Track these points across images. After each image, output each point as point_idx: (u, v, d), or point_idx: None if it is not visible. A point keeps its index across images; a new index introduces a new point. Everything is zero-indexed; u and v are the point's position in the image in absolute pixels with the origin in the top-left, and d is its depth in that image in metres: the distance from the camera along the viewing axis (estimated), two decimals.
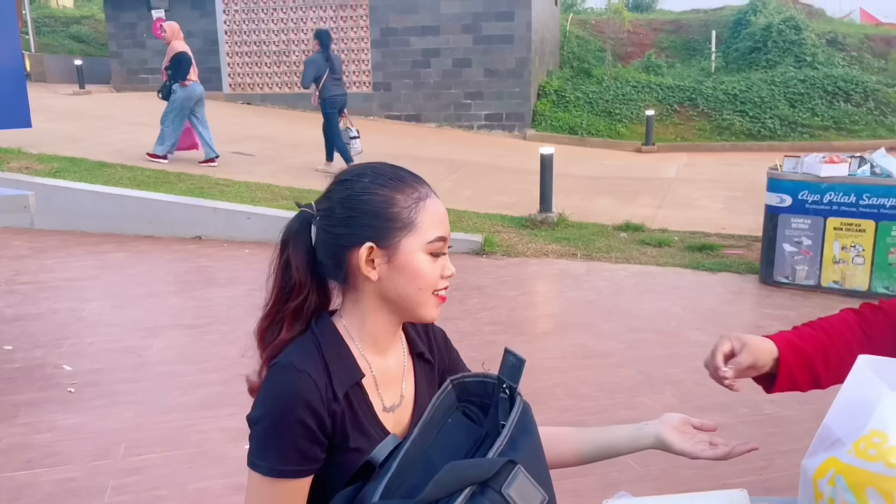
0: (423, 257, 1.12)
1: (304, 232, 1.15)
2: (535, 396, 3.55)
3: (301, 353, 1.09)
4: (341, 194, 1.13)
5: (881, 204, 4.88)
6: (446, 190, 8.86)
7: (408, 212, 1.11)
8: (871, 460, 0.96)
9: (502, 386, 0.89)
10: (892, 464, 0.93)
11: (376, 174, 1.14)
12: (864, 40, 17.76)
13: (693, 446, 1.25)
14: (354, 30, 14.89)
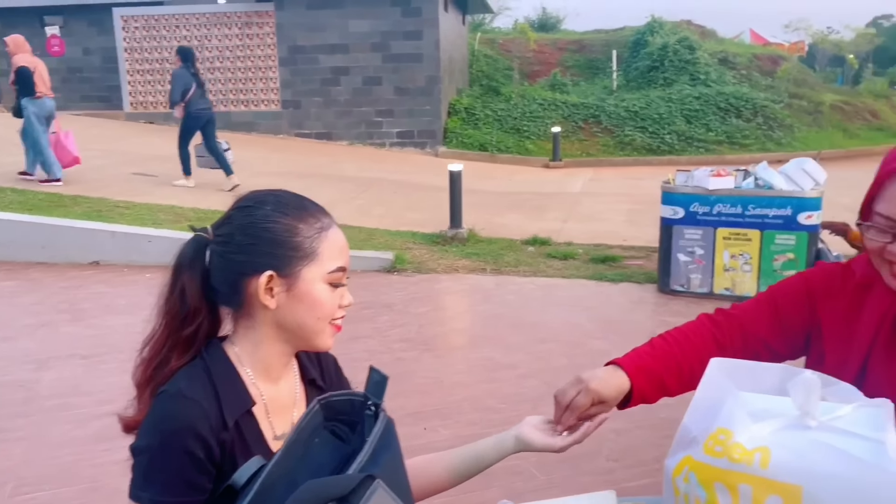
0: (322, 287, 1.12)
1: (199, 257, 1.13)
2: (443, 411, 3.59)
3: (190, 381, 1.07)
4: (242, 221, 1.12)
5: (765, 214, 5.20)
6: (357, 208, 8.84)
7: (310, 241, 1.11)
8: (718, 456, 1.03)
9: (367, 403, 0.91)
10: (735, 458, 1.01)
11: (279, 202, 1.14)
12: (752, 59, 18.93)
13: (551, 439, 1.30)
14: (261, 48, 14.70)
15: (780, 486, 0.97)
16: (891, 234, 1.23)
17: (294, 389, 1.19)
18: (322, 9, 14.30)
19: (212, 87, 14.87)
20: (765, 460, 0.99)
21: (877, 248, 1.26)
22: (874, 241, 1.26)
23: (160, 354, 1.13)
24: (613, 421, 3.40)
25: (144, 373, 1.15)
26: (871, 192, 1.28)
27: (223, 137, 9.80)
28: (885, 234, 1.24)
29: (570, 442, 1.30)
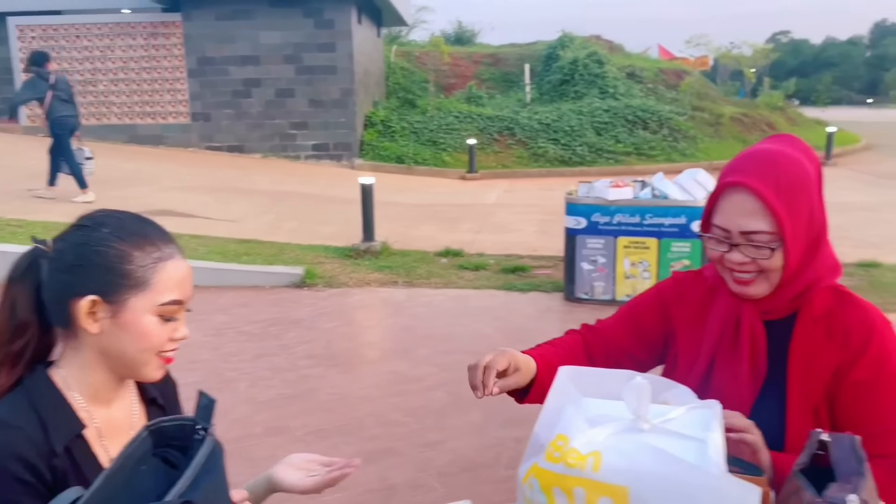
0: (151, 319, 1.09)
1: (33, 269, 1.09)
2: (346, 427, 3.57)
3: (12, 409, 1.04)
4: (76, 240, 1.09)
5: (661, 223, 5.42)
6: (268, 222, 8.70)
7: (143, 270, 1.08)
8: (556, 462, 1.06)
9: (196, 428, 0.90)
10: (570, 463, 1.04)
11: (119, 226, 1.10)
12: (658, 73, 19.72)
13: (298, 479, 1.23)
14: (168, 59, 14.30)
15: (610, 487, 1.01)
16: (727, 244, 1.30)
17: (131, 411, 1.17)
18: (232, 20, 14.04)
19: (116, 100, 14.37)
20: (597, 464, 1.03)
21: (717, 257, 1.34)
22: (714, 250, 1.34)
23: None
24: (513, 429, 3.46)
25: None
26: (709, 205, 1.36)
27: (128, 151, 9.45)
28: (723, 244, 1.31)
29: (320, 483, 1.23)
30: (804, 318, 1.33)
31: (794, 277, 1.31)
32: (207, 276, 6.28)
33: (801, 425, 1.29)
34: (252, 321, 5.29)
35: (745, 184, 1.27)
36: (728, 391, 1.37)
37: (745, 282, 1.32)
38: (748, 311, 1.35)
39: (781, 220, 1.26)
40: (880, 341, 1.30)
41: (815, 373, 1.30)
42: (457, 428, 3.58)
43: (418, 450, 3.32)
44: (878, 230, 8.28)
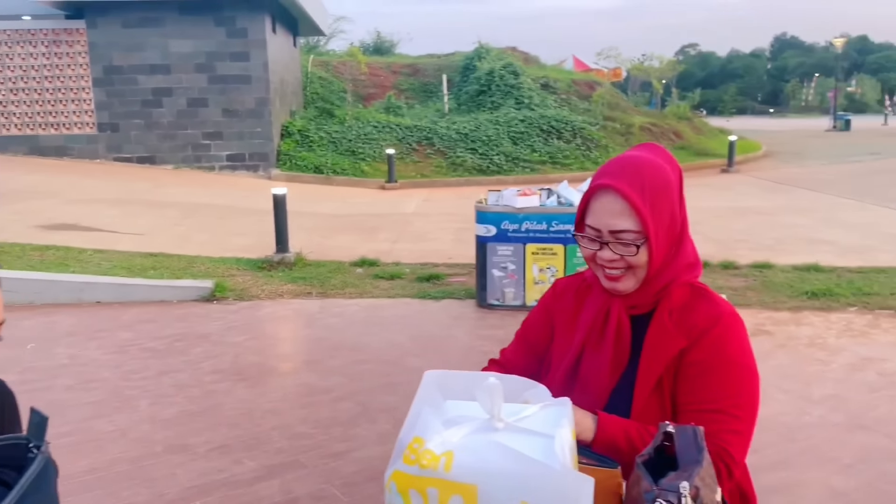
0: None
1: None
2: (251, 442, 3.51)
3: None
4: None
5: (567, 230, 5.57)
6: (179, 235, 8.47)
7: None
8: (412, 464, 1.10)
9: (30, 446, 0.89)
10: (424, 465, 1.08)
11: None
12: (571, 85, 20.28)
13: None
14: (72, 67, 13.75)
15: (460, 486, 1.05)
16: (599, 243, 1.41)
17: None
18: (140, 27, 13.63)
19: (16, 109, 13.70)
20: (448, 464, 1.07)
21: (590, 256, 1.45)
22: (587, 249, 1.45)
23: None
24: None
25: None
26: (582, 207, 1.46)
27: (30, 163, 9.03)
28: (595, 242, 1.42)
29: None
30: (661, 311, 1.44)
31: (658, 274, 1.42)
32: (110, 291, 6.07)
33: (645, 403, 1.39)
34: (157, 337, 5.13)
35: (613, 186, 1.38)
36: (592, 378, 1.47)
37: (615, 277, 1.42)
38: (616, 306, 1.46)
39: (646, 220, 1.37)
40: (723, 330, 1.41)
41: (661, 357, 1.40)
42: (364, 438, 3.58)
43: (324, 461, 3.30)
44: (774, 233, 8.76)
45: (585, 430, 1.33)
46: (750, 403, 1.39)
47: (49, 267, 6.49)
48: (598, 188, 1.42)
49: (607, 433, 1.33)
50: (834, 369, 4.40)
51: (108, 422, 3.72)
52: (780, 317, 5.45)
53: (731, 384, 1.38)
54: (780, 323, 5.31)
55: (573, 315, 1.57)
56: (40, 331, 5.25)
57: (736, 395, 1.37)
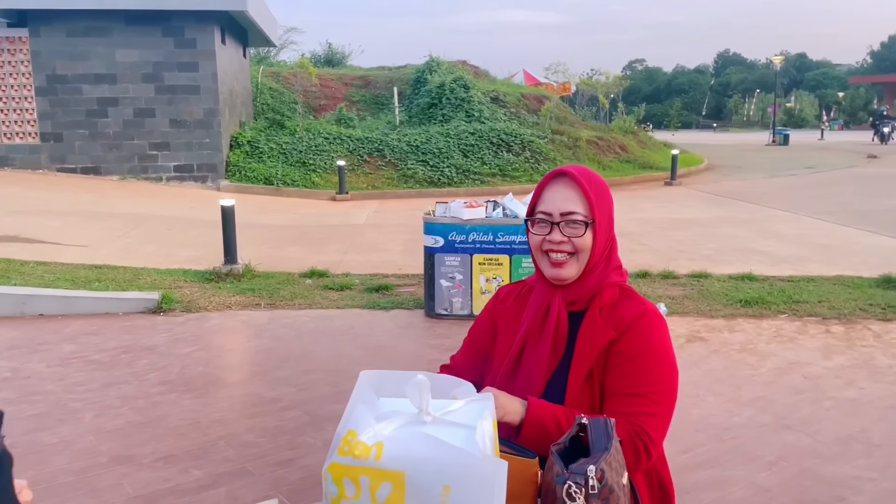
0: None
1: None
2: (196, 451, 3.53)
3: None
4: None
5: (512, 241, 5.73)
6: (124, 247, 8.37)
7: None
8: (345, 455, 1.19)
9: None
10: (357, 455, 1.18)
11: None
12: (520, 98, 20.63)
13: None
14: (14, 76, 13.43)
15: (389, 473, 1.15)
16: (549, 225, 1.59)
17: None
18: (84, 36, 13.40)
19: None
20: (378, 453, 1.17)
21: (538, 242, 1.61)
22: (537, 234, 1.61)
23: None
24: None
25: None
26: (534, 199, 1.64)
27: None
28: (545, 226, 1.60)
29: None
30: (593, 308, 1.60)
31: (595, 267, 1.59)
32: (53, 304, 5.98)
33: (578, 392, 1.54)
34: (102, 349, 5.09)
35: (567, 172, 1.61)
36: (532, 368, 1.61)
37: (560, 263, 1.58)
38: (557, 301, 1.61)
39: (592, 205, 1.58)
40: (646, 324, 1.58)
41: (592, 348, 1.55)
42: (311, 445, 3.63)
43: (270, 468, 3.35)
44: (712, 244, 9.10)
45: (513, 413, 1.45)
46: (668, 390, 1.54)
47: None
48: (553, 177, 1.61)
49: (535, 416, 1.45)
50: (763, 373, 4.63)
51: (52, 434, 3.69)
52: (714, 324, 5.69)
53: (652, 372, 1.53)
54: (715, 330, 5.55)
55: (515, 316, 1.71)
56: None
57: (655, 382, 1.53)
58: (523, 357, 1.63)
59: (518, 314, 1.70)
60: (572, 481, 1.18)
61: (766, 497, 3.09)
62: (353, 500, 1.17)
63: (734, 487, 3.17)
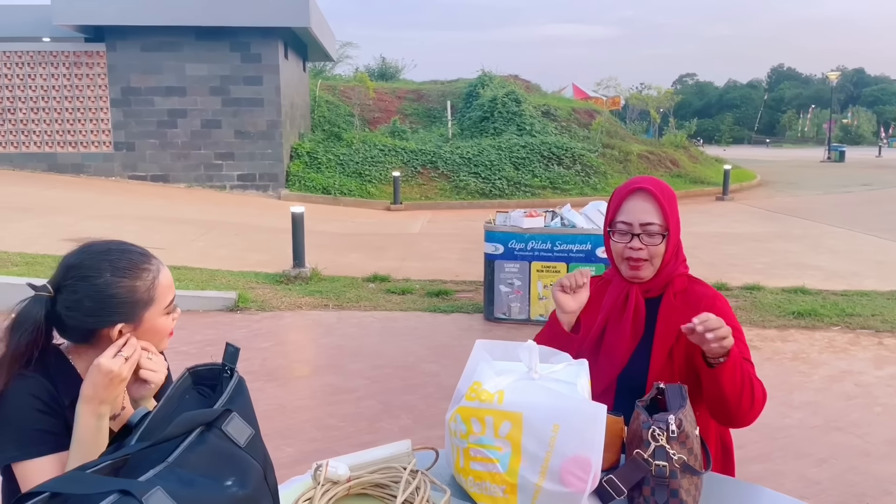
0: (162, 318, 1.46)
1: (41, 311, 1.39)
2: (286, 432, 3.90)
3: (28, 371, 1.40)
4: (87, 290, 1.38)
5: (570, 249, 6.00)
6: (198, 250, 8.88)
7: (147, 292, 1.42)
8: (472, 400, 1.50)
9: (225, 368, 1.29)
10: (483, 399, 1.48)
11: (115, 268, 1.39)
12: (571, 112, 20.84)
13: None
14: (91, 88, 14.24)
15: (510, 414, 1.46)
16: (630, 235, 1.83)
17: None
18: (157, 51, 14.15)
19: (36, 128, 14.17)
20: (501, 399, 1.48)
21: (620, 249, 1.86)
22: (618, 243, 1.86)
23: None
24: (439, 429, 3.82)
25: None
26: (613, 211, 1.88)
27: (48, 179, 9.46)
28: (626, 235, 1.84)
29: None
30: (668, 295, 1.87)
31: (667, 265, 1.85)
32: None
33: (659, 367, 1.82)
34: (188, 342, 5.52)
35: (645, 188, 1.81)
36: (615, 346, 1.89)
37: (638, 267, 1.84)
38: (634, 290, 1.88)
39: (668, 217, 1.80)
40: (722, 304, 1.86)
41: (674, 328, 1.81)
42: (387, 430, 3.96)
43: (353, 449, 3.66)
44: (765, 258, 9.19)
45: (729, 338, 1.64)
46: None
47: None
48: (632, 191, 1.83)
49: (736, 351, 1.68)
50: (814, 380, 4.80)
51: None
52: (767, 334, 5.86)
53: (745, 343, 1.82)
54: (767, 339, 5.71)
55: (594, 302, 1.98)
56: None
57: (747, 350, 1.81)
58: (605, 337, 1.90)
59: (597, 301, 1.97)
60: (655, 426, 1.47)
61: (816, 489, 3.30)
62: (479, 435, 1.48)
63: (785, 480, 3.39)
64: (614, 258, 1.90)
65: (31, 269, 6.82)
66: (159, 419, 1.20)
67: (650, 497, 1.48)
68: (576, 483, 1.40)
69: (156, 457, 1.06)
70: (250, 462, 1.16)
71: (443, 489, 1.48)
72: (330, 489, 1.55)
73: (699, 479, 1.53)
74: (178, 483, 1.02)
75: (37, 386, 1.37)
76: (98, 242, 1.47)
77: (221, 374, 1.29)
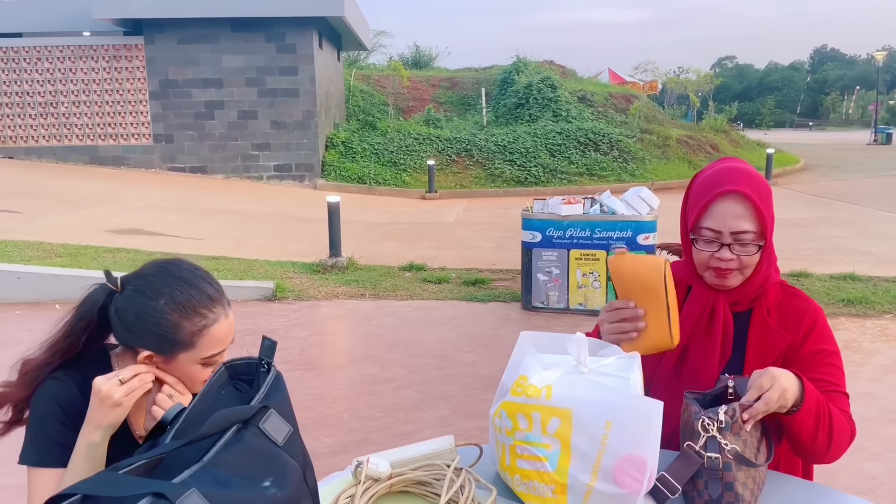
0: (196, 367, 1.39)
1: (100, 303, 1.37)
2: (325, 422, 3.88)
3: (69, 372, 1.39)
4: (137, 306, 1.34)
5: (609, 236, 5.88)
6: (236, 240, 8.94)
7: (190, 336, 1.35)
8: (519, 395, 1.43)
9: (262, 363, 1.24)
10: (530, 395, 1.41)
11: (172, 299, 1.34)
12: (608, 98, 20.51)
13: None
14: (131, 81, 14.44)
15: (558, 410, 1.38)
16: (717, 244, 1.56)
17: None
18: (194, 43, 14.27)
19: (78, 121, 14.43)
20: (549, 394, 1.40)
21: (705, 258, 1.60)
22: (703, 251, 1.58)
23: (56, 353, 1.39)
24: (477, 420, 3.78)
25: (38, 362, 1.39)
26: (697, 213, 1.58)
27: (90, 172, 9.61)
28: (713, 244, 1.56)
29: None
30: (759, 309, 1.64)
31: (759, 273, 1.61)
32: None
33: None
34: None
35: (739, 191, 1.52)
36: (700, 367, 1.68)
37: (725, 276, 1.60)
38: (721, 303, 1.65)
39: (765, 222, 1.53)
40: (822, 324, 1.64)
41: (769, 350, 1.63)
42: (426, 421, 3.92)
43: (392, 440, 3.65)
44: (810, 244, 8.93)
45: (793, 389, 1.42)
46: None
47: (122, 268, 6.96)
48: (722, 194, 1.53)
49: (813, 396, 1.48)
50: (867, 370, 4.62)
51: None
52: None
53: (841, 370, 1.63)
54: None
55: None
56: None
57: (841, 376, 1.62)
58: (688, 355, 1.68)
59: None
60: (706, 416, 1.39)
61: (872, 484, 3.16)
62: (526, 432, 1.41)
63: (840, 474, 3.25)
64: (696, 266, 1.64)
65: (74, 260, 6.93)
66: (195, 416, 1.15)
67: (704, 490, 1.40)
68: (630, 483, 1.32)
69: (191, 455, 1.02)
70: (288, 461, 1.11)
71: (489, 488, 1.42)
72: (371, 486, 1.50)
73: (757, 471, 1.44)
74: (214, 484, 0.97)
75: (65, 393, 1.35)
76: (181, 266, 1.41)
77: (258, 369, 1.24)
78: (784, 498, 1.49)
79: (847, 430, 1.56)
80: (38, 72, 14.29)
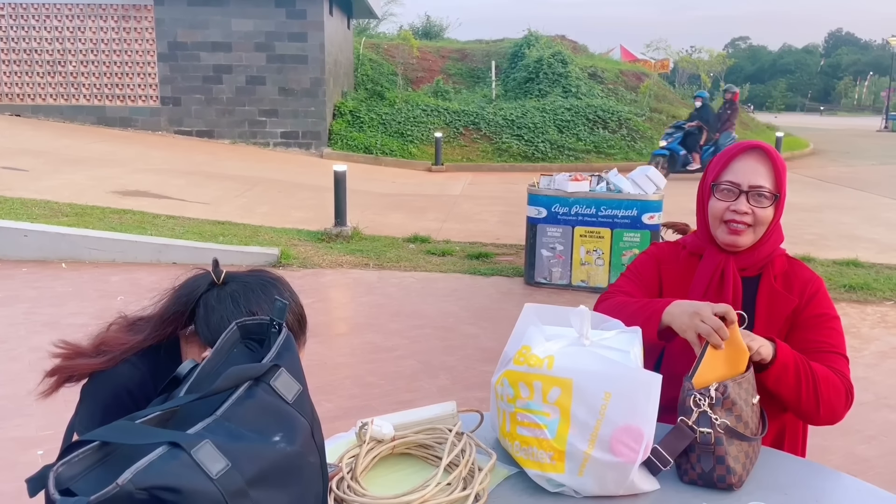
0: None
1: (200, 291, 1.43)
2: (326, 388, 3.94)
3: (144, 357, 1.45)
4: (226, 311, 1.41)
5: (615, 215, 5.89)
6: (242, 206, 8.97)
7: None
8: (521, 364, 1.47)
9: (273, 323, 1.27)
10: (532, 364, 1.45)
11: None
12: (618, 75, 20.33)
13: None
14: (139, 42, 14.35)
15: (559, 380, 1.42)
16: (735, 194, 1.70)
17: None
18: (204, 6, 14.16)
19: (85, 81, 14.37)
20: (550, 364, 1.44)
21: (721, 210, 1.72)
22: (721, 201, 1.72)
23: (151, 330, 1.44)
24: (477, 391, 3.83)
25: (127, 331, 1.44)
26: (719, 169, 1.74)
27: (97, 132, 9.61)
28: (731, 193, 1.71)
29: None
30: (767, 276, 1.76)
31: (769, 237, 1.73)
32: (185, 254, 6.57)
33: None
34: None
35: (761, 147, 1.70)
36: None
37: (738, 231, 1.71)
38: (731, 267, 1.76)
39: (781, 182, 1.69)
40: (824, 292, 1.76)
41: (777, 313, 1.73)
42: (426, 390, 3.98)
43: (392, 406, 3.71)
44: (815, 229, 8.92)
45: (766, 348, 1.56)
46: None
47: (128, 229, 7.01)
48: (746, 149, 1.71)
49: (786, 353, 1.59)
50: (865, 356, 4.66)
51: None
52: None
53: (841, 334, 1.72)
54: None
55: (683, 276, 1.85)
56: (126, 286, 5.76)
57: (841, 342, 1.72)
58: None
59: (685, 276, 1.84)
60: (697, 392, 1.43)
61: (864, 466, 3.22)
62: (527, 400, 1.45)
63: (832, 456, 3.31)
64: (710, 221, 1.76)
65: (80, 220, 6.97)
66: (207, 372, 1.19)
67: (696, 464, 1.45)
68: (626, 453, 1.36)
69: (204, 409, 1.05)
70: (298, 418, 1.15)
71: (489, 453, 1.46)
72: (374, 448, 1.54)
73: (751, 446, 1.48)
74: (227, 436, 1.01)
75: (130, 383, 1.39)
76: (281, 290, 1.50)
77: (269, 329, 1.27)
78: (776, 472, 1.54)
79: (840, 389, 1.64)
80: (46, 29, 14.20)
